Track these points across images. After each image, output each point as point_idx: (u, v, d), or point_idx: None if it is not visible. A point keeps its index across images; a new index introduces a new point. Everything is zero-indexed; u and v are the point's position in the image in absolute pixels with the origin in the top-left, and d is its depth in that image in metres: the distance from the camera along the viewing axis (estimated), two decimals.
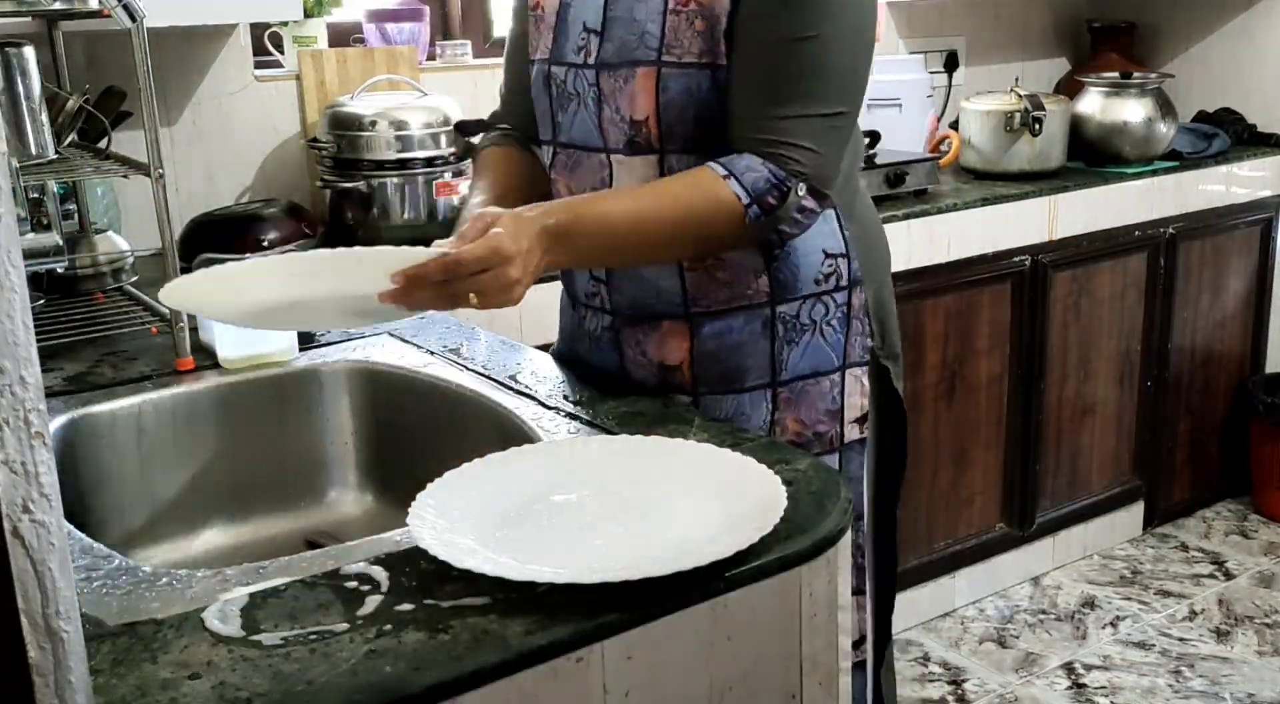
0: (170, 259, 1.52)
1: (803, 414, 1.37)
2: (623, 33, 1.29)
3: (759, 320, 1.35)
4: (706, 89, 1.26)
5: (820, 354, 1.36)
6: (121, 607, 0.94)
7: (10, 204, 0.63)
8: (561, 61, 1.36)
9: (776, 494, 1.02)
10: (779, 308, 1.34)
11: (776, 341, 1.35)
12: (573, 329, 1.49)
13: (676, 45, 1.26)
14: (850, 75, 1.27)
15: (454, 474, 1.09)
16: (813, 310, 1.36)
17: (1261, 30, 3.28)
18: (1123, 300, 2.95)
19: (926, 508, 2.73)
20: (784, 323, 1.35)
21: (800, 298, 1.35)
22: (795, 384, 1.36)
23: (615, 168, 1.33)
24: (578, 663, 0.89)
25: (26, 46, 1.57)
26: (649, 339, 1.38)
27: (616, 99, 1.30)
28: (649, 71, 1.27)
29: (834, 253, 1.35)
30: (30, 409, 0.64)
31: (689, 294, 1.34)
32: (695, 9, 1.25)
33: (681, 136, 1.29)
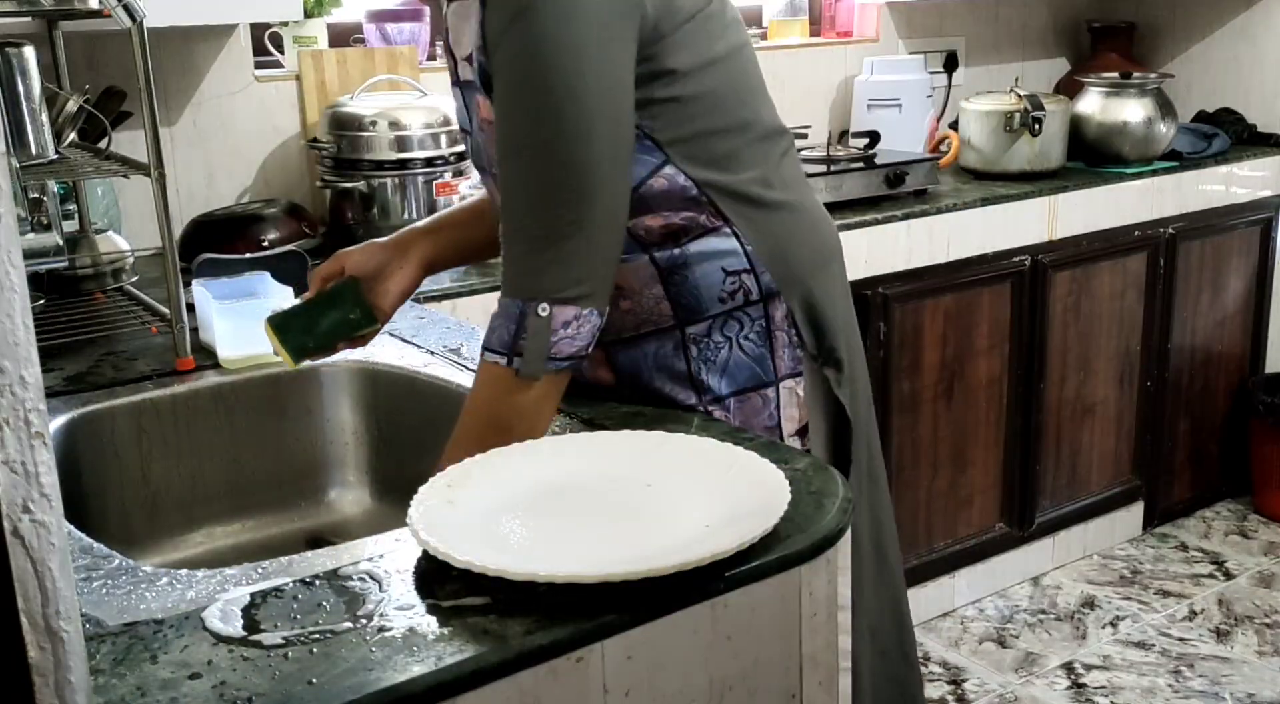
0: (170, 259, 1.52)
1: None
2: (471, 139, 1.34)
3: (670, 342, 1.33)
4: None
5: (744, 370, 1.34)
6: (121, 607, 0.94)
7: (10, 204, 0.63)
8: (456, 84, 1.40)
9: (780, 487, 1.02)
10: (688, 329, 1.32)
11: (693, 362, 1.33)
12: None
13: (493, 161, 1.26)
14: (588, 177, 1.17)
15: (453, 471, 1.09)
16: (725, 327, 1.32)
17: (1261, 30, 3.28)
18: (1122, 300, 2.96)
19: (926, 508, 2.73)
20: (696, 343, 1.33)
21: (709, 318, 1.31)
22: (727, 401, 1.34)
23: None
24: (578, 663, 0.89)
25: (26, 46, 1.57)
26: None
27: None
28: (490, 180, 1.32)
29: (735, 269, 1.31)
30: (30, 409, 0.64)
31: None
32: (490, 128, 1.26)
33: None
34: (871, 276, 2.50)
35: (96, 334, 1.65)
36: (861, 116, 3.02)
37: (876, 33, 3.21)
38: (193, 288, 1.62)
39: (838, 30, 3.23)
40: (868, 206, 2.56)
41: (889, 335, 2.56)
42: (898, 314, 2.57)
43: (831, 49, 3.16)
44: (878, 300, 2.53)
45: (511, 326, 1.17)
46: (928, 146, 2.95)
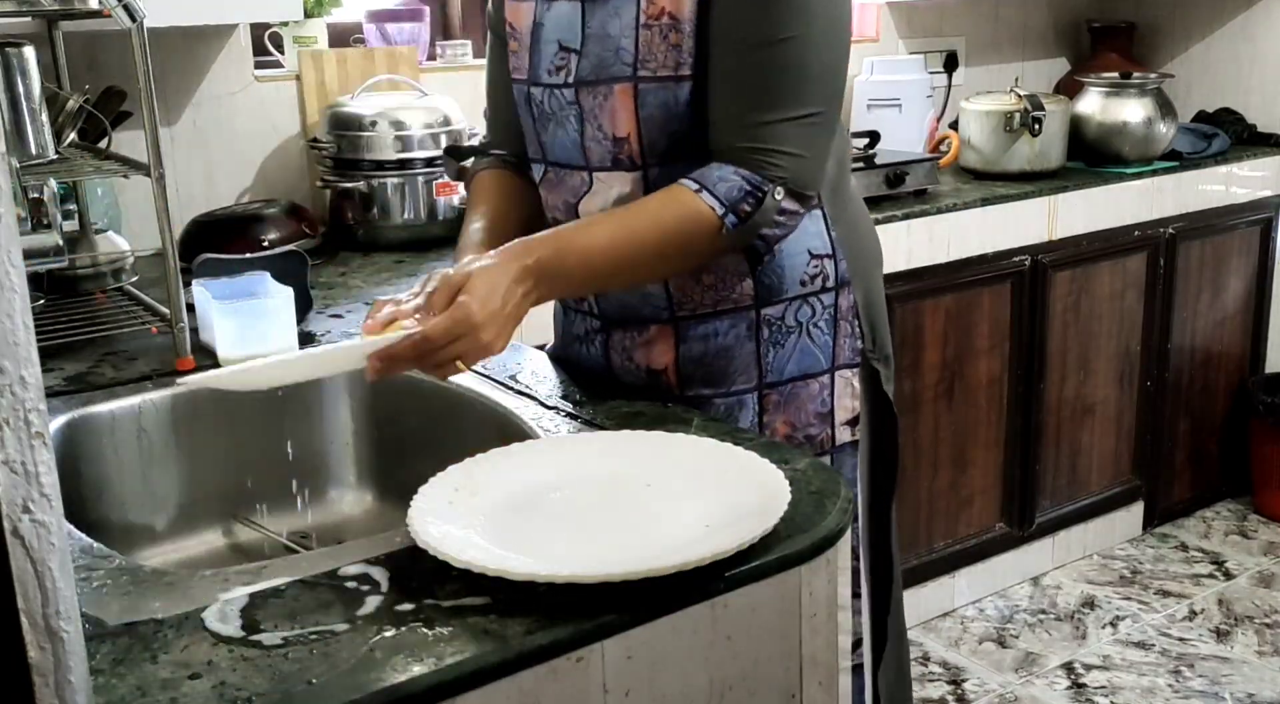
0: (170, 259, 1.52)
1: (792, 416, 1.36)
2: (599, 49, 1.28)
3: (744, 323, 1.34)
4: (684, 102, 1.26)
5: (809, 356, 1.36)
6: (121, 607, 0.94)
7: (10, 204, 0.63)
8: (538, 82, 1.36)
9: (780, 487, 1.02)
10: (764, 310, 1.34)
11: (762, 344, 1.35)
12: (564, 332, 1.50)
13: (651, 59, 1.26)
14: (828, 75, 1.25)
15: (452, 471, 1.09)
16: (799, 312, 1.35)
17: (1261, 30, 3.28)
18: (1122, 300, 2.96)
19: (926, 508, 2.73)
20: (769, 325, 1.34)
21: (786, 300, 1.34)
22: (784, 387, 1.36)
23: (595, 184, 1.34)
24: (578, 663, 0.89)
25: (26, 46, 1.57)
26: (635, 343, 1.38)
27: (598, 116, 1.30)
28: (626, 87, 1.27)
29: (820, 253, 1.34)
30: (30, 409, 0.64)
31: (674, 298, 1.34)
32: (669, 22, 1.24)
33: (664, 151, 1.29)
34: None
35: (96, 334, 1.64)
36: (861, 116, 3.02)
37: (876, 33, 3.21)
38: (193, 288, 1.62)
39: None
40: (868, 206, 2.55)
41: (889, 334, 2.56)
42: (898, 314, 2.56)
43: None
44: None
45: (744, 190, 1.21)
46: (928, 146, 2.95)
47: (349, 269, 2.17)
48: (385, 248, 2.31)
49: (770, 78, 1.22)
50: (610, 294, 1.38)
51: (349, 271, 2.15)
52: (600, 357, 1.42)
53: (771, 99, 1.22)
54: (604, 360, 1.42)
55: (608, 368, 1.42)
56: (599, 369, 1.43)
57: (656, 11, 1.25)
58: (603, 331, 1.41)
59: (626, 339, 1.39)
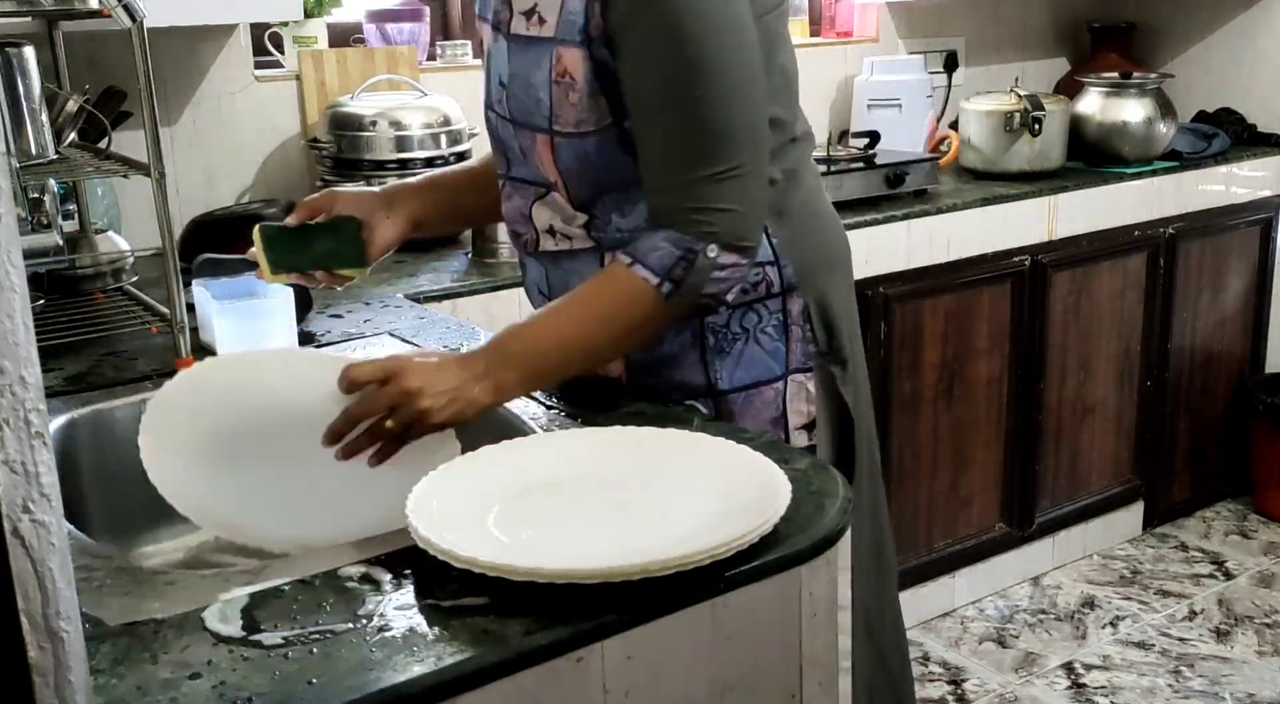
0: (170, 259, 1.52)
1: (748, 423, 1.36)
2: (522, 94, 1.31)
3: (687, 331, 1.34)
4: (596, 152, 1.28)
5: (759, 363, 1.35)
6: (121, 607, 0.94)
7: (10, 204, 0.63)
8: (491, 108, 1.39)
9: (780, 487, 1.02)
10: (707, 318, 1.34)
11: (708, 352, 1.34)
12: None
13: (561, 114, 1.27)
14: (745, 127, 1.23)
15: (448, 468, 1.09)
16: (744, 319, 1.35)
17: (1261, 30, 3.28)
18: (1122, 300, 2.96)
19: (926, 508, 2.73)
20: (713, 332, 1.34)
21: (728, 307, 1.33)
22: (736, 395, 1.36)
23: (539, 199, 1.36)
24: (578, 663, 0.89)
25: (26, 46, 1.57)
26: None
27: (529, 156, 1.33)
28: (545, 139, 1.30)
29: (761, 261, 1.33)
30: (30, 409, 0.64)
31: None
32: (569, 81, 1.26)
33: (591, 194, 1.31)
34: (871, 276, 2.50)
35: (96, 334, 1.64)
36: (861, 116, 3.02)
37: (876, 33, 3.21)
38: (193, 288, 1.62)
39: (838, 30, 3.23)
40: (868, 206, 2.56)
41: (889, 335, 2.56)
42: (898, 314, 2.56)
43: (831, 49, 3.16)
44: (878, 300, 2.53)
45: (676, 255, 1.21)
46: (928, 146, 2.95)
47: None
48: None
49: (688, 138, 1.22)
50: None
51: None
52: None
53: (692, 159, 1.21)
54: None
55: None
56: None
57: (561, 70, 1.26)
58: None
59: None
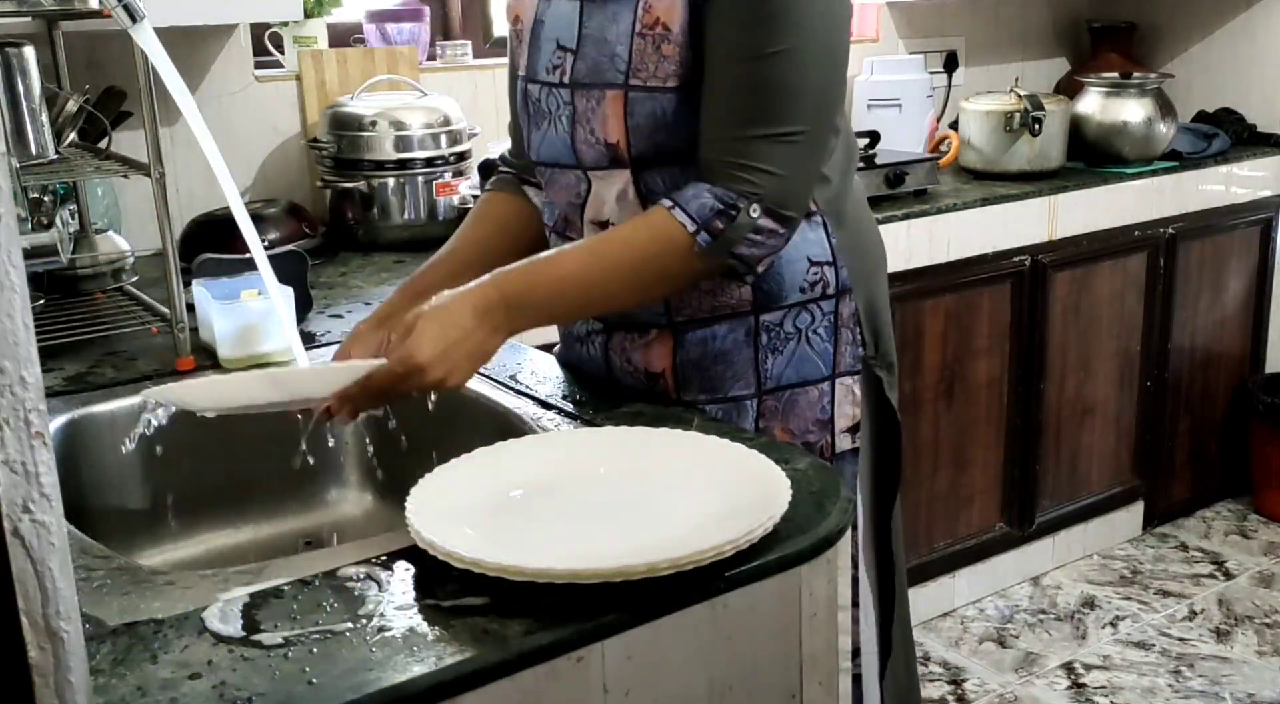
0: (170, 259, 1.52)
1: (791, 424, 1.36)
2: (594, 52, 1.28)
3: (743, 329, 1.33)
4: (673, 111, 1.25)
5: (808, 363, 1.35)
6: (121, 607, 0.94)
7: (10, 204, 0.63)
8: (535, 79, 1.35)
9: (780, 487, 1.02)
10: (763, 316, 1.33)
11: (760, 350, 1.34)
12: (565, 332, 1.50)
13: (643, 68, 1.25)
14: (818, 94, 1.22)
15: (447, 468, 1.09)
16: (798, 319, 1.34)
17: (1261, 30, 3.28)
18: (1122, 300, 2.95)
19: (926, 508, 2.73)
20: (768, 331, 1.33)
21: (785, 307, 1.33)
22: (782, 393, 1.35)
23: (594, 183, 1.33)
24: (578, 662, 0.89)
25: (26, 46, 1.57)
26: (635, 347, 1.37)
27: (590, 120, 1.29)
28: (618, 94, 1.26)
29: (820, 261, 1.33)
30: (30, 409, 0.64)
31: (671, 303, 1.34)
32: (662, 32, 1.23)
33: (654, 156, 1.28)
34: None
35: (96, 334, 1.64)
36: (861, 116, 3.02)
37: (876, 33, 3.20)
38: (193, 288, 1.62)
39: None
40: None
41: None
42: (898, 314, 2.55)
43: None
44: None
45: (718, 207, 1.20)
46: (928, 146, 2.95)
47: (349, 269, 2.17)
48: (385, 248, 2.31)
49: (756, 92, 1.20)
50: None
51: (349, 271, 2.15)
52: (600, 358, 1.42)
53: (754, 114, 1.20)
54: (604, 362, 1.42)
55: (607, 369, 1.41)
56: (599, 371, 1.43)
57: (651, 21, 1.24)
58: (603, 333, 1.40)
59: (626, 341, 1.38)
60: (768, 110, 1.20)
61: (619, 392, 1.39)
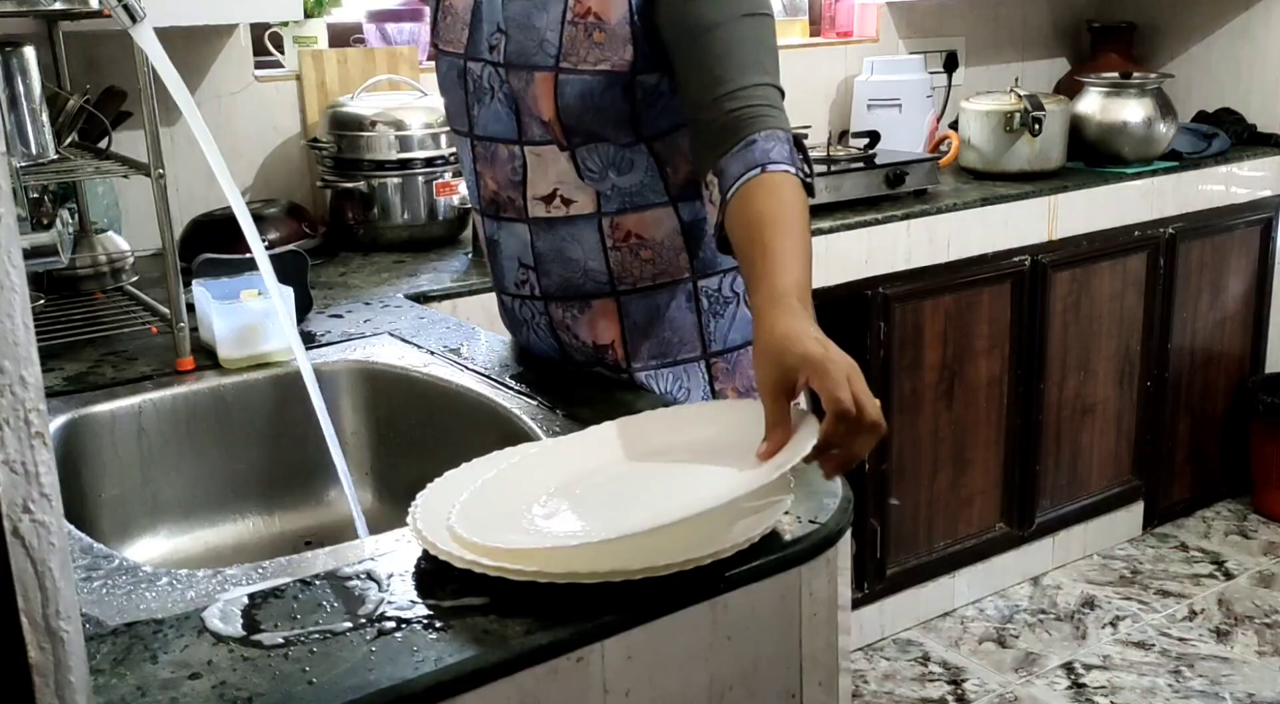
0: (170, 259, 1.52)
1: (738, 382, 1.43)
2: (520, 36, 1.33)
3: (683, 294, 1.40)
4: (601, 92, 1.30)
5: (749, 324, 1.39)
6: (121, 607, 0.94)
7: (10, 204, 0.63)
8: (476, 57, 1.39)
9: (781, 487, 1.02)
10: (700, 282, 1.41)
11: (703, 314, 1.41)
12: (510, 319, 1.53)
13: (573, 53, 1.30)
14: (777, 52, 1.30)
15: (455, 472, 1.09)
16: (734, 283, 1.42)
17: (1261, 30, 3.28)
18: (1122, 300, 2.96)
19: (926, 508, 2.73)
20: (707, 296, 1.41)
21: (720, 272, 1.41)
22: (729, 354, 1.43)
23: (529, 159, 1.37)
24: (578, 663, 0.89)
25: (26, 46, 1.57)
26: (580, 321, 1.42)
27: (524, 97, 1.35)
28: (547, 76, 1.31)
29: None
30: (30, 409, 0.64)
31: (614, 273, 1.39)
32: (594, 21, 1.28)
33: (584, 132, 1.33)
34: (871, 276, 2.50)
35: (96, 334, 1.64)
36: (861, 116, 3.02)
37: (876, 33, 3.20)
38: (193, 288, 1.62)
39: (838, 30, 3.23)
40: (868, 206, 2.56)
41: (889, 335, 2.56)
42: (898, 314, 2.56)
43: (831, 49, 3.16)
44: (878, 300, 2.53)
45: (788, 146, 1.23)
46: (928, 146, 2.95)
47: (349, 269, 2.17)
48: (385, 248, 2.31)
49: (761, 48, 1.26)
50: (551, 272, 1.42)
51: (349, 271, 2.15)
52: (549, 337, 1.46)
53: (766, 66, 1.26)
54: (553, 341, 1.46)
55: (559, 348, 1.46)
56: (551, 351, 1.47)
57: (583, 10, 1.29)
58: (545, 313, 1.45)
59: (568, 317, 1.42)
60: (773, 64, 1.27)
61: (619, 391, 1.39)
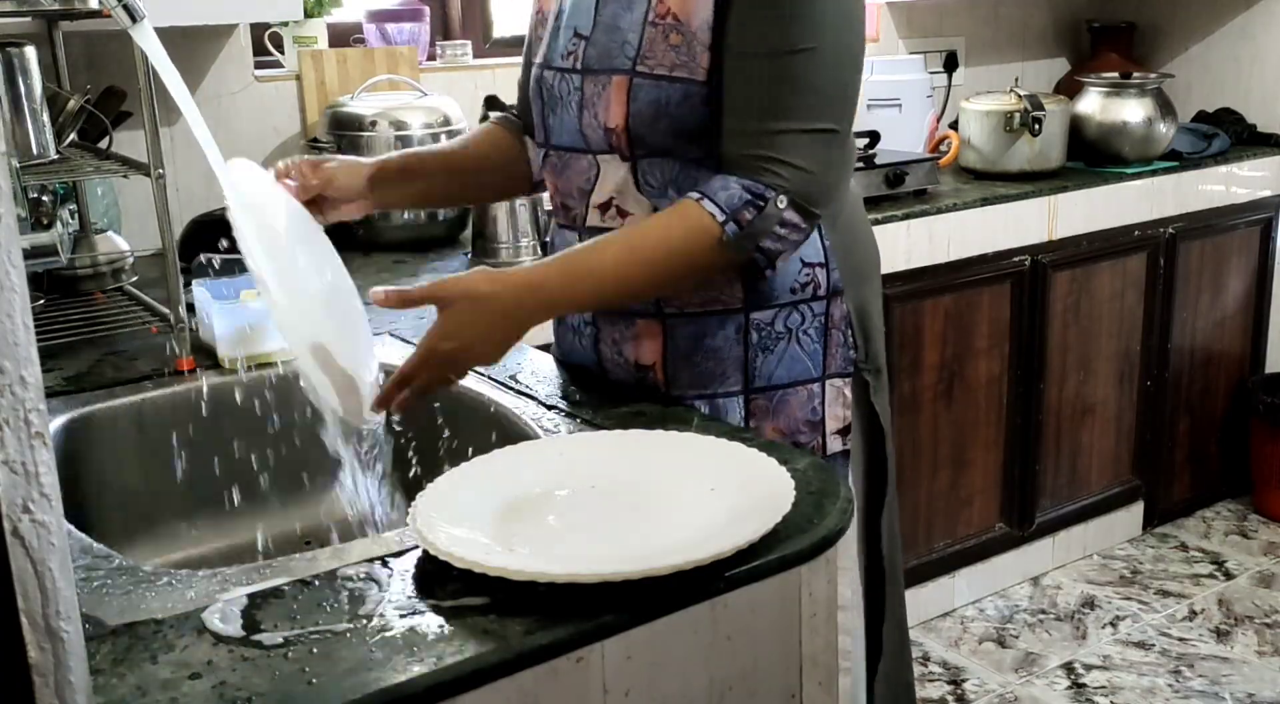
0: (170, 259, 1.52)
1: (781, 423, 1.36)
2: (606, 39, 1.31)
3: (733, 326, 1.34)
4: (677, 102, 1.26)
5: (798, 363, 1.35)
6: (121, 607, 0.94)
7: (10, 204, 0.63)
8: (551, 66, 1.38)
9: (783, 487, 1.02)
10: (753, 314, 1.34)
11: (750, 348, 1.34)
12: (556, 323, 1.52)
13: (651, 56, 1.27)
14: (840, 92, 1.25)
15: (455, 473, 1.09)
16: (788, 319, 1.35)
17: (1261, 30, 3.28)
18: (1122, 300, 2.96)
19: (926, 508, 2.73)
20: (758, 330, 1.34)
21: (776, 306, 1.34)
22: (773, 392, 1.36)
23: (602, 167, 1.35)
24: (578, 663, 0.89)
25: (27, 46, 1.57)
26: (624, 338, 1.38)
27: (595, 104, 1.32)
28: (623, 80, 1.29)
29: (812, 262, 1.34)
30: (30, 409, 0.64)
31: None
32: (672, 23, 1.26)
33: (652, 144, 1.29)
34: None
35: (96, 334, 1.64)
36: (862, 116, 3.01)
37: (876, 33, 3.20)
38: (193, 288, 1.62)
39: None
40: (868, 206, 2.53)
41: (889, 335, 2.56)
42: (898, 314, 2.56)
43: None
44: None
45: (746, 197, 1.21)
46: (928, 146, 2.95)
47: (349, 269, 2.16)
48: (385, 248, 2.31)
49: (783, 87, 1.22)
50: None
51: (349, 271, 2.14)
52: (591, 350, 1.43)
53: (781, 109, 1.22)
54: (594, 354, 1.43)
55: (598, 361, 1.43)
56: (589, 363, 1.44)
57: (664, 10, 1.26)
58: (593, 324, 1.42)
59: (615, 333, 1.39)
60: (795, 105, 1.22)
61: (618, 390, 1.39)
